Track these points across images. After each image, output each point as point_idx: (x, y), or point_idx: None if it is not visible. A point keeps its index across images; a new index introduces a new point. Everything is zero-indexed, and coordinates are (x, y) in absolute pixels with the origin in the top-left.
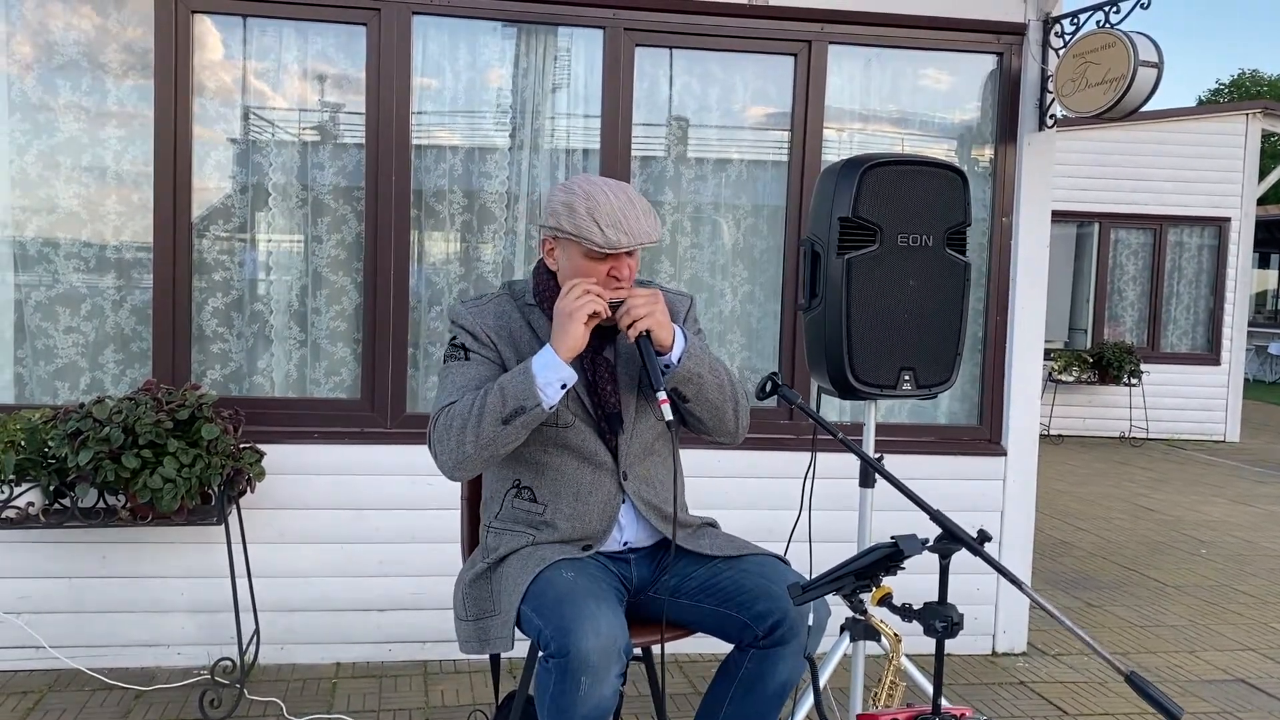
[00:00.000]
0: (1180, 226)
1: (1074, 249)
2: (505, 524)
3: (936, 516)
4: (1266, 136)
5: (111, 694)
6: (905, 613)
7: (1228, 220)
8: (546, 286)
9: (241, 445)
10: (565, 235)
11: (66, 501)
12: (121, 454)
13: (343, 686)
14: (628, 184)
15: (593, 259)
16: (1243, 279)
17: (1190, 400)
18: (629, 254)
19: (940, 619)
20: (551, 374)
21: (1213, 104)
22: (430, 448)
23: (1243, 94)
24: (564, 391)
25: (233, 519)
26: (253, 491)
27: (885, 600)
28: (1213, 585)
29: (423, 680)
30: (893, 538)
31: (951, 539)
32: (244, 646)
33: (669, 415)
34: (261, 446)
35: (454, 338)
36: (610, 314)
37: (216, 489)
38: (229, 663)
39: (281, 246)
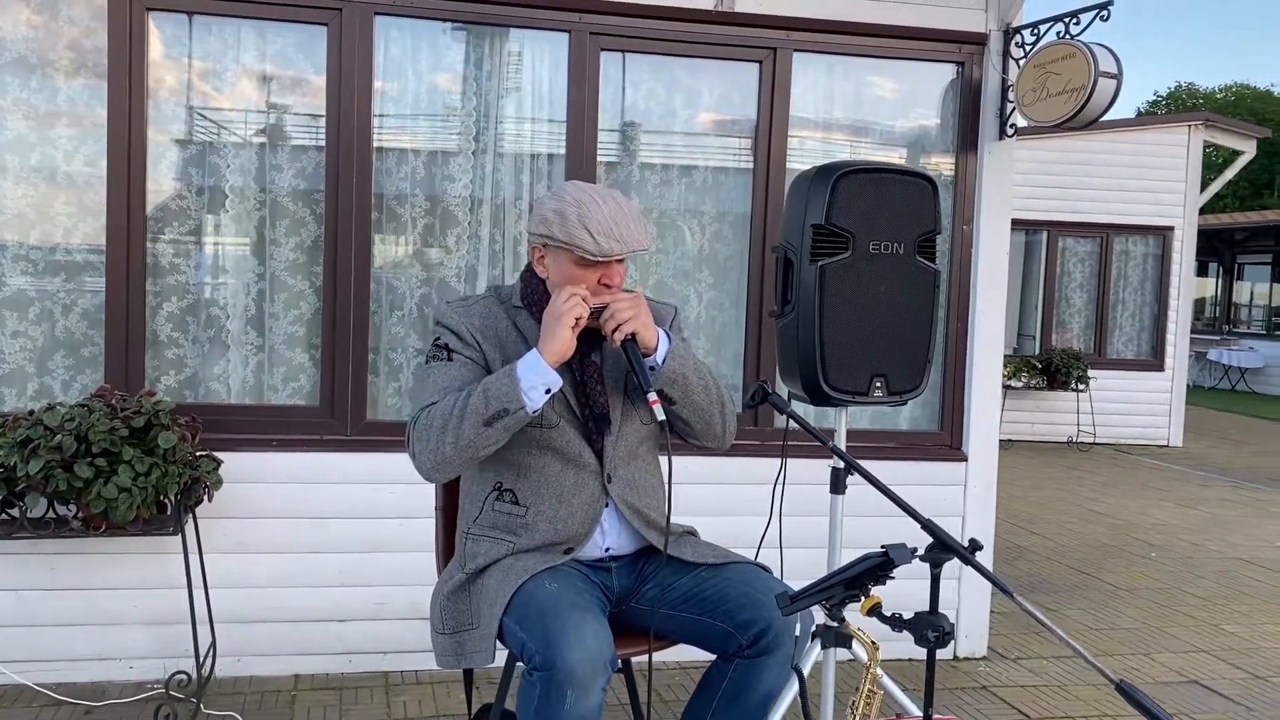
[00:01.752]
0: (1125, 235)
1: (1023, 256)
2: (484, 530)
3: (927, 525)
4: (1206, 147)
5: (61, 710)
6: (895, 623)
7: (1171, 229)
8: (535, 291)
9: (198, 453)
10: (556, 243)
11: (15, 512)
12: (74, 463)
13: (302, 699)
14: (617, 191)
15: (584, 266)
16: (1185, 286)
17: (1135, 405)
18: (619, 261)
19: (932, 629)
20: (536, 378)
21: (1155, 115)
22: (409, 447)
23: (1179, 106)
24: (548, 396)
25: (189, 529)
26: (210, 501)
27: (875, 610)
28: (1164, 588)
29: (384, 691)
30: (883, 547)
31: (943, 548)
32: (201, 659)
33: (661, 415)
34: (219, 455)
35: (438, 338)
36: (594, 319)
37: (173, 498)
38: (185, 676)
39: (238, 250)
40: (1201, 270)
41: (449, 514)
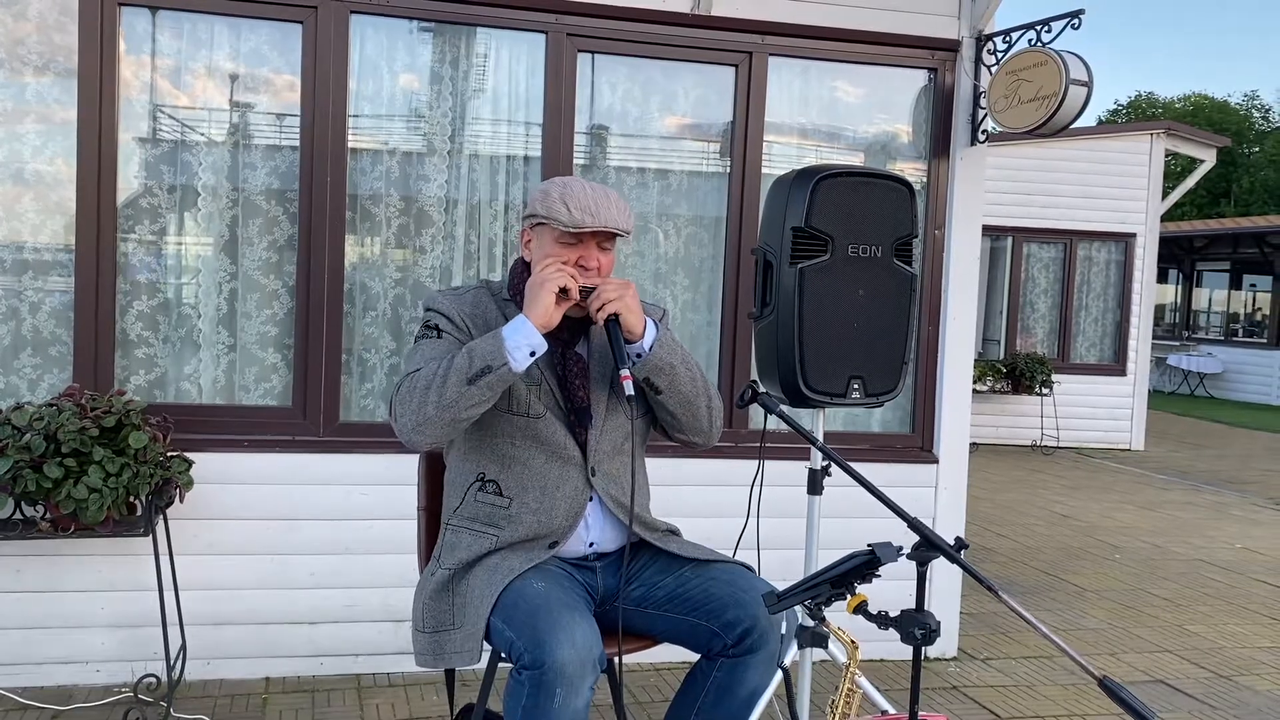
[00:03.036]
0: (1089, 241)
1: (988, 262)
2: (464, 522)
3: (914, 524)
4: (1166, 156)
5: (27, 714)
6: (882, 620)
7: (1133, 236)
8: (521, 279)
9: (170, 454)
10: (538, 219)
11: None
12: (43, 463)
13: (273, 702)
14: (609, 187)
15: (564, 244)
16: (1147, 293)
17: (1098, 410)
18: (600, 248)
19: (919, 626)
20: (521, 339)
21: (1117, 124)
22: (390, 413)
23: (1140, 115)
24: (532, 360)
25: (160, 530)
26: (181, 502)
27: (861, 608)
28: (1128, 589)
29: (356, 694)
30: (870, 545)
31: (930, 547)
32: (170, 662)
33: (630, 390)
34: (190, 455)
35: (428, 320)
36: (581, 299)
37: (144, 499)
38: (154, 679)
39: (210, 249)
40: (1162, 277)
41: (432, 514)
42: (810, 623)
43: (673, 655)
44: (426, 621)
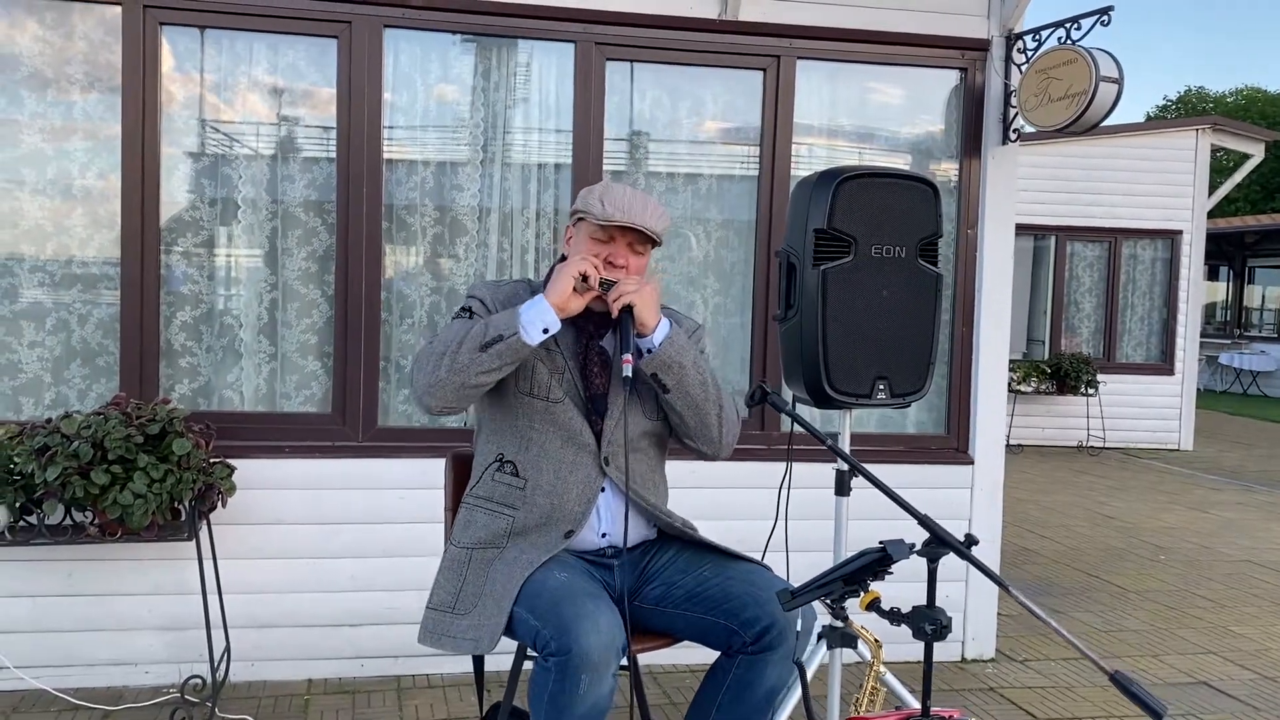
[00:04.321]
0: (1134, 239)
1: (1031, 261)
2: (480, 500)
3: (924, 521)
4: (1215, 151)
5: (78, 714)
6: (894, 617)
7: (1179, 233)
8: None
9: (212, 460)
10: (578, 213)
11: (33, 519)
12: (90, 470)
13: (315, 703)
14: (651, 196)
15: (596, 240)
16: (1194, 290)
17: (1146, 410)
18: (632, 250)
19: (929, 622)
20: (536, 315)
21: (1163, 120)
22: (410, 377)
23: (1189, 110)
24: (545, 335)
25: (203, 535)
26: (224, 507)
27: (873, 605)
28: (1173, 590)
29: (396, 695)
30: (881, 542)
31: (939, 543)
32: (215, 664)
33: (627, 372)
34: (232, 461)
35: (466, 303)
36: (601, 290)
37: (187, 505)
38: (199, 680)
39: (251, 260)
40: (1212, 274)
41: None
42: (839, 624)
43: (708, 656)
44: (434, 596)
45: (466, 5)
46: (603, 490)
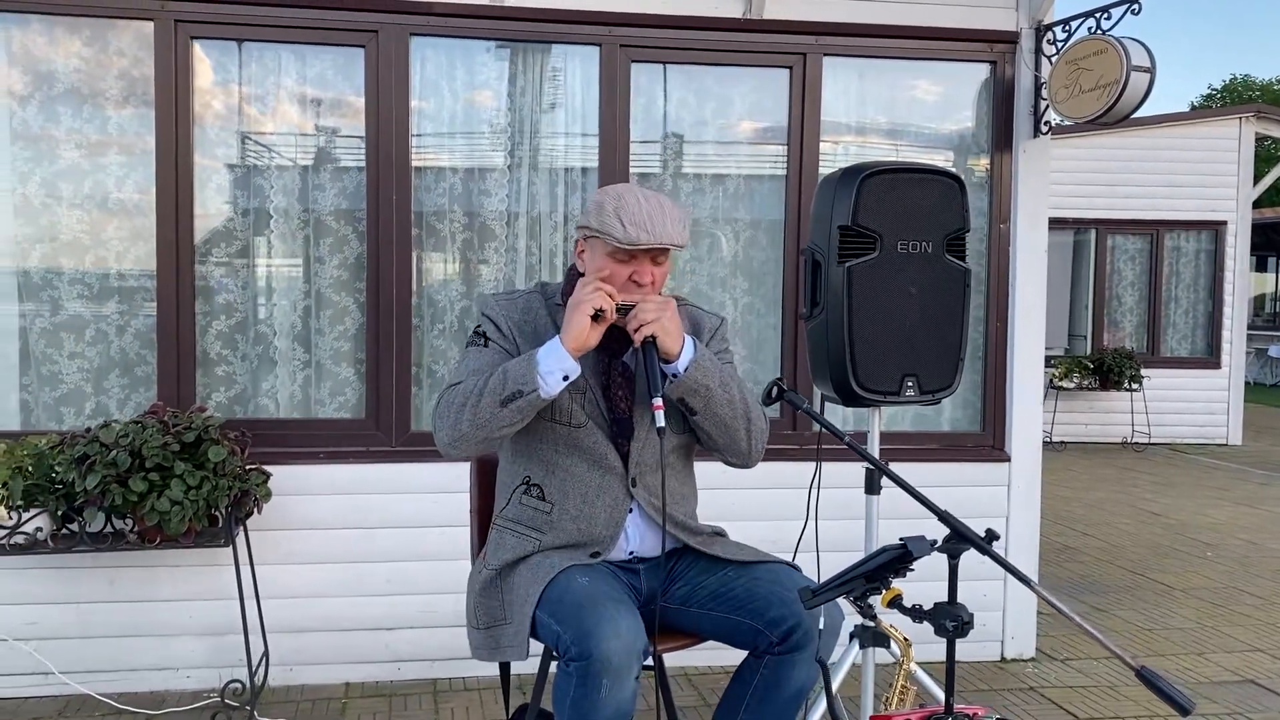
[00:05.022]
0: (1177, 231)
1: (1071, 256)
2: (509, 523)
3: (944, 517)
4: (1260, 140)
5: (122, 718)
6: (916, 614)
7: (1224, 224)
8: (573, 287)
9: (248, 467)
10: (592, 232)
11: (74, 526)
12: (129, 477)
13: (353, 706)
14: (665, 196)
15: (617, 260)
16: (1241, 282)
17: (1192, 404)
18: (655, 262)
19: (950, 618)
20: (554, 363)
21: (1207, 109)
22: (432, 424)
23: (1235, 99)
24: (565, 383)
25: (240, 540)
26: (260, 513)
27: (895, 602)
28: (1219, 588)
29: (432, 698)
30: (901, 539)
31: (959, 539)
32: (253, 668)
33: (660, 421)
34: (268, 467)
35: (478, 325)
36: (618, 316)
37: (224, 511)
38: (239, 685)
39: (284, 269)
40: (1260, 265)
41: (483, 518)
42: (869, 623)
43: (725, 656)
44: (480, 618)
45: (491, 11)
46: (630, 511)
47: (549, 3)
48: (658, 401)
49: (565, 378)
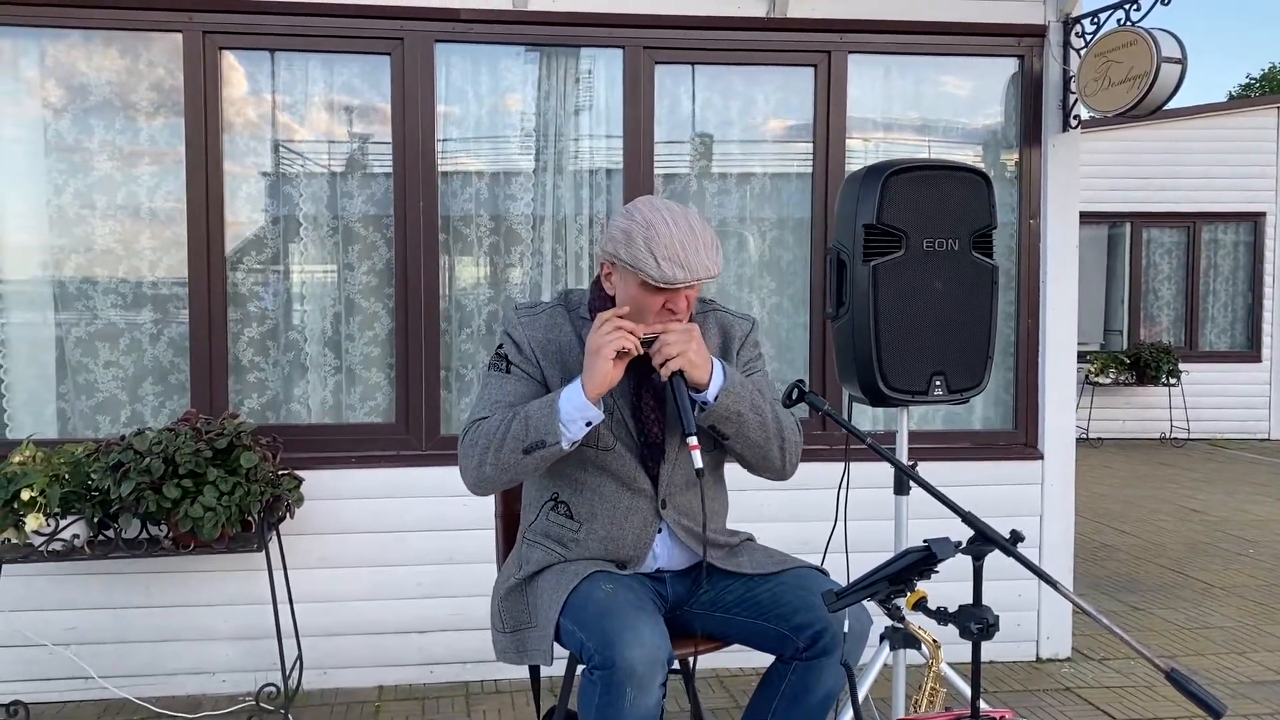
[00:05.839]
0: (1214, 223)
1: (1106, 250)
2: (537, 537)
3: (968, 518)
4: None
5: None
6: (941, 616)
7: (1263, 215)
8: (602, 305)
9: (280, 472)
10: (622, 264)
11: (111, 533)
12: (163, 484)
13: (386, 709)
14: (693, 211)
15: (649, 291)
16: None
17: (1231, 399)
18: (688, 287)
19: (975, 621)
20: (574, 410)
21: (1244, 98)
22: (459, 460)
23: (1275, 88)
24: (589, 429)
25: (273, 545)
26: (292, 518)
27: (920, 604)
28: (1261, 585)
29: (465, 701)
30: (925, 541)
31: (984, 540)
32: (288, 672)
33: (698, 463)
34: (300, 473)
35: (500, 346)
36: (643, 350)
37: (256, 516)
38: (274, 688)
39: (314, 275)
40: None
41: (507, 522)
42: (899, 625)
43: (755, 658)
44: (506, 622)
45: (513, 16)
46: (659, 531)
47: (571, 6)
48: (693, 441)
49: (588, 424)
